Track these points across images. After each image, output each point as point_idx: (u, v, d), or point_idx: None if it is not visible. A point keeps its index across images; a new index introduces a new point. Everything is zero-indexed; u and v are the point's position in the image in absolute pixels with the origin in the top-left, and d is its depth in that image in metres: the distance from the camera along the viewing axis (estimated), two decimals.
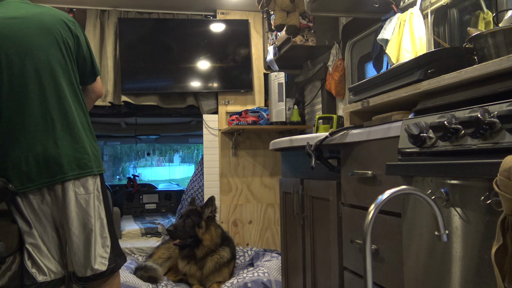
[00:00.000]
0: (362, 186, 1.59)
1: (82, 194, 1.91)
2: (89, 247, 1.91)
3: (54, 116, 1.87)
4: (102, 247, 1.95)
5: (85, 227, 1.91)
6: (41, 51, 1.88)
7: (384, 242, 1.45)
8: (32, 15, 1.91)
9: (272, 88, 3.61)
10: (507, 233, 0.81)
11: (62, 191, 1.88)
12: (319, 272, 2.01)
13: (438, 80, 1.21)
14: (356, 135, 1.59)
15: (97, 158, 1.99)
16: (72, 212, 1.88)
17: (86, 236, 1.90)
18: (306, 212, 2.10)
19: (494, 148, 0.92)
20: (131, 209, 5.80)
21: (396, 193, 1.00)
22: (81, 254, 1.91)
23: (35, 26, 1.89)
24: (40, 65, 1.88)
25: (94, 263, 1.91)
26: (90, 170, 1.92)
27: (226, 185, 3.95)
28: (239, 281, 2.96)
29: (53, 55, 1.90)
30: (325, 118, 3.12)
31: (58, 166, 1.86)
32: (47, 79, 1.88)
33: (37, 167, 1.84)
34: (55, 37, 1.91)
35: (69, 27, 1.97)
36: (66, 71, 1.94)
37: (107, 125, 5.27)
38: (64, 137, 1.88)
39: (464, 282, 1.03)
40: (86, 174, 1.91)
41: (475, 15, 1.83)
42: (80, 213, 1.90)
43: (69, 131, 1.90)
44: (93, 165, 1.94)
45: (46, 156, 1.85)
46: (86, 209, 1.91)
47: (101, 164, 2.00)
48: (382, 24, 2.29)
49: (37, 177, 1.84)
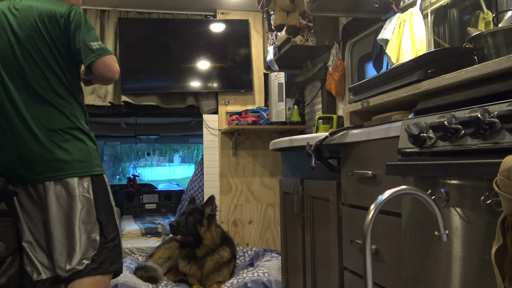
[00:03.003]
0: (362, 186, 1.59)
1: (64, 196, 1.87)
2: (71, 250, 1.86)
3: (27, 117, 1.88)
4: (86, 251, 1.88)
5: (67, 230, 1.87)
6: (12, 50, 1.89)
7: (384, 242, 1.45)
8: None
9: (272, 88, 3.61)
10: (507, 233, 0.81)
11: (44, 192, 1.87)
12: (319, 272, 2.01)
13: (438, 80, 1.21)
14: (356, 135, 1.59)
15: (88, 158, 1.93)
16: (53, 215, 1.86)
17: (68, 240, 1.87)
18: (306, 212, 2.10)
19: (494, 148, 0.92)
20: (131, 209, 5.80)
21: (396, 193, 1.00)
22: (63, 257, 1.87)
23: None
24: (8, 63, 1.89)
25: (73, 263, 1.86)
26: (69, 172, 1.87)
27: (226, 185, 3.95)
28: (239, 281, 2.96)
29: (27, 51, 1.89)
30: (325, 118, 3.12)
31: (35, 167, 1.86)
32: (17, 78, 1.89)
33: (19, 166, 1.88)
34: (31, 34, 1.89)
35: (52, 20, 1.90)
36: (45, 66, 1.89)
37: (107, 125, 5.27)
38: (41, 138, 1.87)
39: (464, 282, 1.03)
40: (65, 176, 1.87)
41: (475, 15, 1.83)
42: (62, 216, 1.87)
43: (46, 132, 1.88)
44: (75, 166, 1.88)
45: (24, 157, 1.87)
46: (68, 213, 1.86)
47: (93, 165, 1.94)
48: (382, 24, 2.28)
49: (22, 175, 1.88)
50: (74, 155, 1.90)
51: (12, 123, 1.89)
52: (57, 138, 1.89)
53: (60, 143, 1.89)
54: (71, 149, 1.90)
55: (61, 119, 1.91)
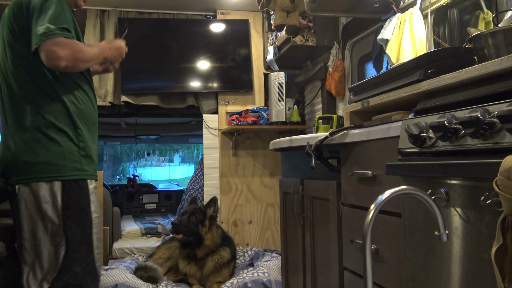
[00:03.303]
0: (362, 186, 1.59)
1: (31, 202, 1.70)
2: (36, 266, 1.70)
3: (8, 115, 1.78)
4: (49, 270, 1.68)
5: (34, 240, 1.70)
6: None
7: (384, 242, 1.45)
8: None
9: (272, 88, 3.61)
10: (507, 233, 0.81)
11: (16, 195, 1.74)
12: (319, 272, 2.01)
13: (438, 80, 1.21)
14: (356, 135, 1.59)
15: (59, 161, 1.72)
16: (23, 222, 1.72)
17: (34, 252, 1.71)
18: (306, 212, 2.10)
19: (494, 148, 0.92)
20: (131, 209, 5.80)
21: (396, 193, 1.00)
22: (30, 272, 1.70)
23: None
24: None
25: (33, 285, 1.68)
26: (34, 176, 1.70)
27: (226, 185, 3.95)
28: (239, 281, 2.96)
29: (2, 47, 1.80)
30: (325, 118, 3.12)
31: (8, 168, 1.75)
32: (2, 76, 1.81)
33: (1, 167, 1.81)
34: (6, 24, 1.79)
35: (18, 10, 1.76)
36: (19, 60, 1.75)
37: (107, 125, 5.27)
38: (15, 137, 1.75)
39: (464, 282, 1.03)
40: (31, 180, 1.70)
41: (475, 15, 1.83)
42: (30, 223, 1.71)
43: (19, 130, 1.74)
44: (42, 170, 1.69)
45: (3, 158, 1.79)
46: (35, 220, 1.69)
47: (67, 169, 1.72)
48: (382, 24, 2.28)
49: (2, 176, 1.80)
50: (41, 157, 1.71)
51: (1, 122, 1.83)
52: (28, 137, 1.72)
53: (30, 143, 1.72)
54: (39, 150, 1.71)
55: (35, 117, 1.73)
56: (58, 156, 1.73)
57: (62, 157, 1.74)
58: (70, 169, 1.74)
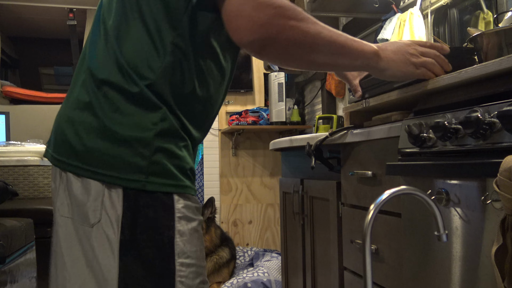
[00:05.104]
0: (362, 186, 1.59)
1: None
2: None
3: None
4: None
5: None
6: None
7: (384, 242, 1.45)
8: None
9: (272, 88, 3.61)
10: (507, 233, 0.81)
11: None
12: (319, 272, 2.01)
13: (438, 80, 1.21)
14: (356, 135, 1.59)
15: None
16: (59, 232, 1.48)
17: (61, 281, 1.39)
18: (306, 212, 2.10)
19: (494, 148, 0.92)
20: None
21: (396, 193, 1.00)
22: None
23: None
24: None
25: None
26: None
27: (226, 185, 3.95)
28: (239, 281, 2.96)
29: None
30: (325, 118, 3.12)
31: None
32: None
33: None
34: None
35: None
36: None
37: None
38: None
39: (464, 282, 1.03)
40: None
41: (475, 15, 1.83)
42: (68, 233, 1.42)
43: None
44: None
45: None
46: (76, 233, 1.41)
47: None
48: (382, 24, 2.29)
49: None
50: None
51: None
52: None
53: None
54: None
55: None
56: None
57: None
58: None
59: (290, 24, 0.91)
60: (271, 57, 0.96)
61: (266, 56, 0.96)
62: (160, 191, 0.90)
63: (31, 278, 2.73)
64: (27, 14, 4.76)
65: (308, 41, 0.95)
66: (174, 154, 0.93)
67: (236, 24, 0.89)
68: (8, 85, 4.54)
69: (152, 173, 0.90)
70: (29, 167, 3.75)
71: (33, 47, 5.79)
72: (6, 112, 3.88)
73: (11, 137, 3.78)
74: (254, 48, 0.92)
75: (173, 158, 0.93)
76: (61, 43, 5.50)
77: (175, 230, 0.91)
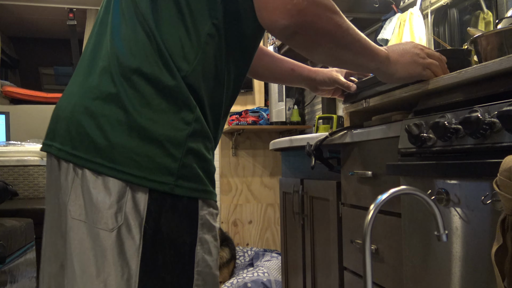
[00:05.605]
0: (362, 186, 1.59)
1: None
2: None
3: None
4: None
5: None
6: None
7: (384, 242, 1.45)
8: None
9: (272, 88, 3.61)
10: (507, 233, 0.81)
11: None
12: (319, 272, 2.01)
13: (438, 80, 1.21)
14: (356, 135, 1.59)
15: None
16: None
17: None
18: (306, 212, 2.10)
19: (494, 148, 0.92)
20: None
21: (396, 193, 1.00)
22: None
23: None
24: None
25: None
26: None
27: (226, 185, 3.95)
28: (239, 281, 2.96)
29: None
30: (325, 118, 3.12)
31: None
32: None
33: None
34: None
35: None
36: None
37: None
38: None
39: (464, 282, 1.03)
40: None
41: (475, 15, 1.83)
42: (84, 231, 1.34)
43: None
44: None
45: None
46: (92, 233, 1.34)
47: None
48: (382, 24, 2.29)
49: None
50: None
51: None
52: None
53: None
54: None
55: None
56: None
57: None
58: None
59: (327, 14, 0.89)
60: (300, 44, 0.93)
61: (295, 43, 0.92)
62: (186, 196, 0.85)
63: (31, 278, 2.73)
64: (27, 14, 4.76)
65: (338, 35, 0.93)
66: (203, 157, 0.88)
67: (273, 5, 0.84)
68: (8, 85, 4.54)
69: (182, 176, 0.84)
70: (29, 167, 3.76)
71: (33, 47, 5.79)
72: (6, 112, 3.88)
73: (11, 137, 3.77)
74: (286, 32, 0.87)
75: (201, 161, 0.87)
76: (61, 43, 5.50)
77: (197, 237, 0.86)
